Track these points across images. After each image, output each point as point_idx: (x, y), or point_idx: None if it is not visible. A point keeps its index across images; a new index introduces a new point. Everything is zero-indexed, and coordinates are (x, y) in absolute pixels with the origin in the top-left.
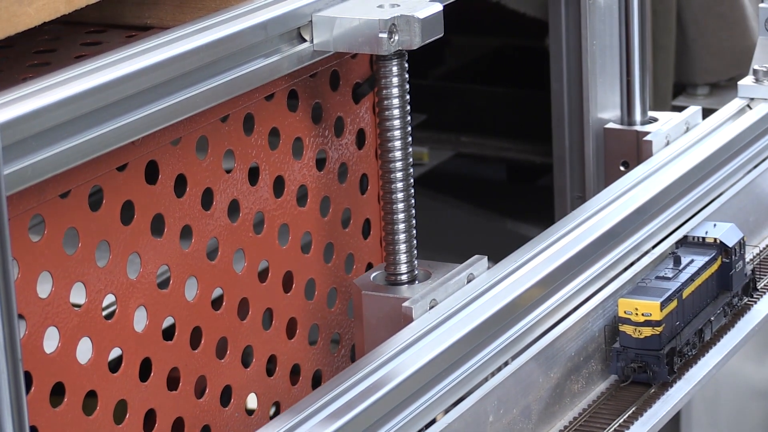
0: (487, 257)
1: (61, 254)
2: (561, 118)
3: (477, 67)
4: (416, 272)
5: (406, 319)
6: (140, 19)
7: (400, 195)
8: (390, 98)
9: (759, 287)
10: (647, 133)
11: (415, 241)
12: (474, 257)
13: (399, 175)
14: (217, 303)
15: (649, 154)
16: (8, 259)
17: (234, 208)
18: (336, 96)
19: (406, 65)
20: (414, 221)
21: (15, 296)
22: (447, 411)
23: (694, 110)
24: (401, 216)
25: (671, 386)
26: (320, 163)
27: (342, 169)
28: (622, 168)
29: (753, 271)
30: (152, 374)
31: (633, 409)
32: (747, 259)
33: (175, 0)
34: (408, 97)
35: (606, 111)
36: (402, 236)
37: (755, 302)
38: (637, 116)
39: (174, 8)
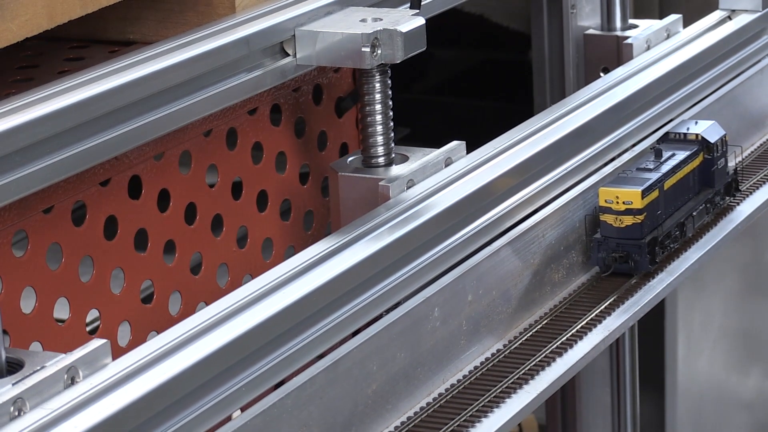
0: (465, 143)
1: (45, 270)
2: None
3: (460, 80)
4: (393, 156)
5: (383, 198)
6: (123, 35)
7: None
8: (373, 111)
9: (742, 189)
10: (628, 37)
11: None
12: (453, 143)
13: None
14: None
15: (630, 58)
16: None
17: (217, 223)
18: (319, 110)
19: (389, 79)
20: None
21: None
22: (425, 286)
23: (674, 18)
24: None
25: (653, 277)
26: (304, 177)
27: (325, 183)
28: (602, 74)
29: (735, 171)
30: None
31: (613, 297)
32: (731, 164)
33: (157, 15)
34: (391, 110)
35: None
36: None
37: (738, 203)
38: (618, 22)
39: (156, 23)
